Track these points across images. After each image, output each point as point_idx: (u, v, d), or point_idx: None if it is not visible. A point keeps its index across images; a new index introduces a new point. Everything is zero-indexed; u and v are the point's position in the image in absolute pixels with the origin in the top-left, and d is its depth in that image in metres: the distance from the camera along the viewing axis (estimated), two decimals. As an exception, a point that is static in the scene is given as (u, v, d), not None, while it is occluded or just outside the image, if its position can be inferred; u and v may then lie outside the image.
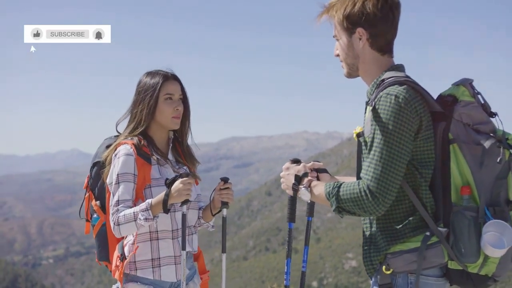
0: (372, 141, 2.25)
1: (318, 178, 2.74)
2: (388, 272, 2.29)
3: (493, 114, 2.40)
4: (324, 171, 2.76)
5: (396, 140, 2.21)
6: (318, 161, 2.79)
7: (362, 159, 2.36)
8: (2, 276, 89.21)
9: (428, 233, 2.26)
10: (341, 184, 2.33)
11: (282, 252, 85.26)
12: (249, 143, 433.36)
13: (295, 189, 2.55)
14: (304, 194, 2.51)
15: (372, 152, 2.25)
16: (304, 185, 2.52)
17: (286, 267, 2.76)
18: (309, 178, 2.55)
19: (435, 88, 2.60)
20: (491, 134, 2.31)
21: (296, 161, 2.67)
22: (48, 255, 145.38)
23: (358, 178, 2.32)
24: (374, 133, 2.25)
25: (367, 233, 2.43)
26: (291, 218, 2.75)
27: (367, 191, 2.22)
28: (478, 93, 2.38)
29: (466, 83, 2.37)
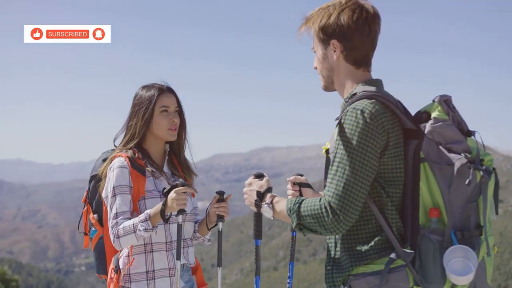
0: (335, 157, 2.16)
1: (300, 193, 2.68)
2: None
3: (471, 133, 2.30)
4: (307, 185, 2.68)
5: (359, 156, 2.11)
6: (301, 175, 2.72)
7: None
8: (36, 283, 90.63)
9: (393, 256, 2.14)
10: (303, 200, 2.24)
11: (312, 263, 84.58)
12: (280, 153, 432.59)
13: (258, 205, 2.47)
14: (266, 211, 2.43)
15: (334, 168, 2.15)
16: (266, 202, 2.44)
17: (255, 285, 2.70)
18: (272, 194, 2.47)
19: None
20: (463, 154, 2.19)
21: (259, 176, 2.57)
22: (81, 262, 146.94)
23: None
24: (337, 149, 2.16)
25: (331, 252, 2.32)
26: (257, 235, 2.67)
27: (328, 208, 2.11)
28: (454, 110, 2.30)
29: (441, 99, 2.28)
